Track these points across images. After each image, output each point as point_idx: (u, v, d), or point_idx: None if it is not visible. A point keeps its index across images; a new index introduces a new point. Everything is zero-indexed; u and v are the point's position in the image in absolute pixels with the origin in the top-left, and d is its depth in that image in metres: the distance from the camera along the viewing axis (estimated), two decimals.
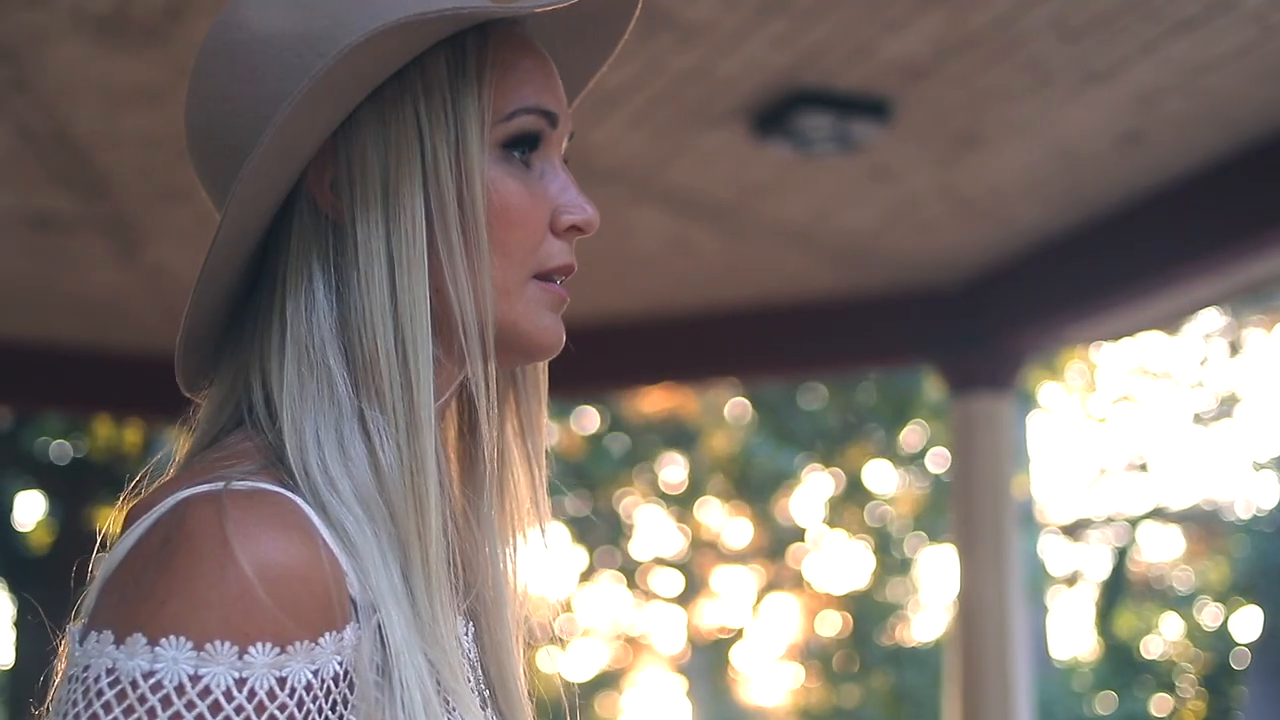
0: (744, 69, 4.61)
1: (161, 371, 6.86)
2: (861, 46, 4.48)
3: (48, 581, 13.08)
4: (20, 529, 14.51)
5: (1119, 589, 17.18)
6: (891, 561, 16.22)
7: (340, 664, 1.26)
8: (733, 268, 6.28)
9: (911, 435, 15.20)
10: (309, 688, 1.23)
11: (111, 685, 1.20)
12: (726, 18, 4.31)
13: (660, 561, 16.92)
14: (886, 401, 14.27)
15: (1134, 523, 17.18)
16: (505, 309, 1.44)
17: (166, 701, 1.19)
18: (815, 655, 17.07)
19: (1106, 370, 16.96)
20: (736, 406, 15.05)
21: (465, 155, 1.41)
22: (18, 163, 5.30)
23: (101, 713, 1.20)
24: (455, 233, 1.40)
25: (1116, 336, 8.13)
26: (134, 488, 1.44)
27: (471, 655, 1.50)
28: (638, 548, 16.93)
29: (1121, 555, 17.34)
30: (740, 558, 16.72)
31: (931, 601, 16.38)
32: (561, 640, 1.72)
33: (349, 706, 1.27)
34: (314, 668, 1.24)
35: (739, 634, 17.25)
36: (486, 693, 1.52)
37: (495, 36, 1.45)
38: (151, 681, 1.19)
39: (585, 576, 17.54)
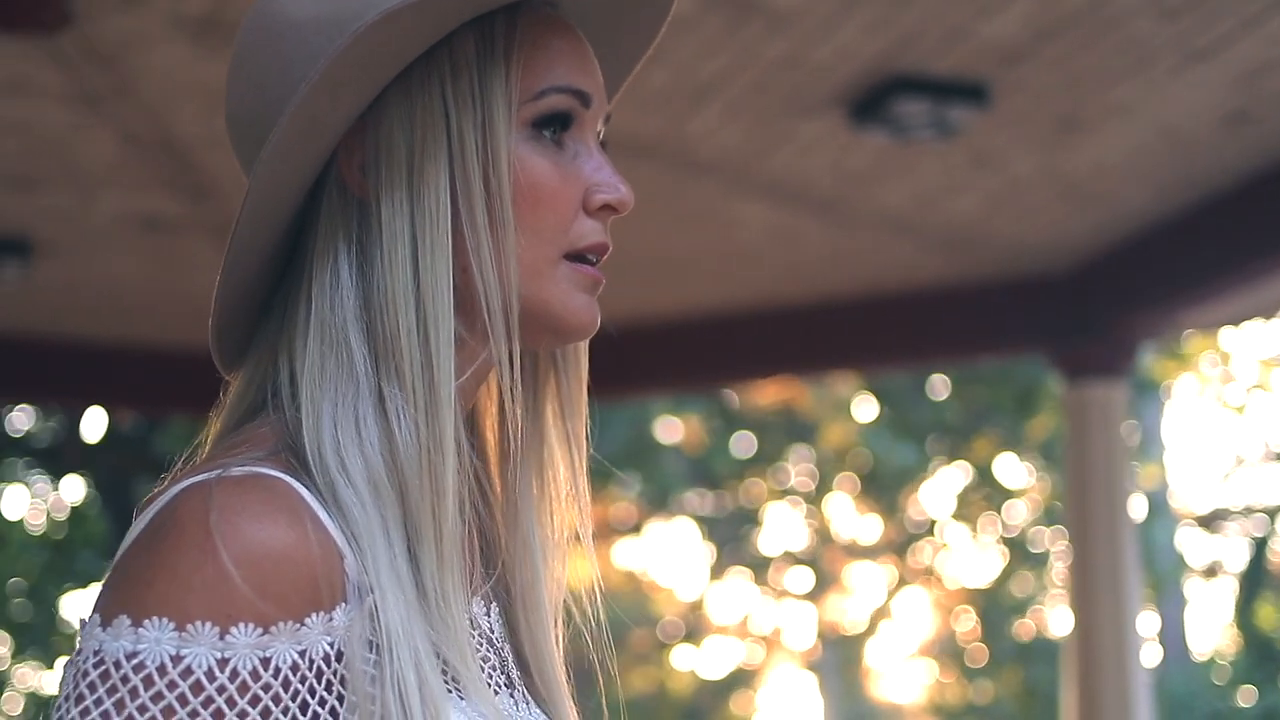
0: (837, 56, 4.57)
1: None
2: (956, 30, 4.42)
3: None
4: None
5: (1258, 581, 16.88)
6: (1022, 555, 16.05)
7: (331, 644, 1.26)
8: (838, 258, 6.24)
9: (1039, 426, 15.03)
10: (295, 668, 1.24)
11: (96, 666, 1.21)
12: (817, 4, 4.27)
13: (790, 557, 16.87)
14: (1009, 392, 14.12)
15: (1272, 514, 16.87)
16: (535, 289, 1.43)
17: (149, 681, 1.19)
18: (947, 651, 16.95)
19: (1240, 358, 16.69)
20: (856, 398, 14.96)
21: (492, 134, 1.40)
22: (123, 167, 5.37)
23: (87, 693, 1.20)
24: (481, 212, 1.39)
25: (1234, 321, 8.00)
26: (167, 476, 1.44)
27: (496, 637, 1.50)
28: (767, 544, 16.89)
29: (1260, 546, 17.04)
30: (869, 553, 16.62)
31: (1063, 595, 16.20)
32: (597, 622, 1.70)
33: (347, 685, 1.26)
34: (300, 648, 1.24)
35: (870, 630, 17.16)
36: (516, 674, 1.52)
37: (526, 17, 1.44)
38: (134, 662, 1.20)
39: (715, 574, 17.52)
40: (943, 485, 15.89)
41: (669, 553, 17.77)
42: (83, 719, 1.20)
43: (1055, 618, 16.19)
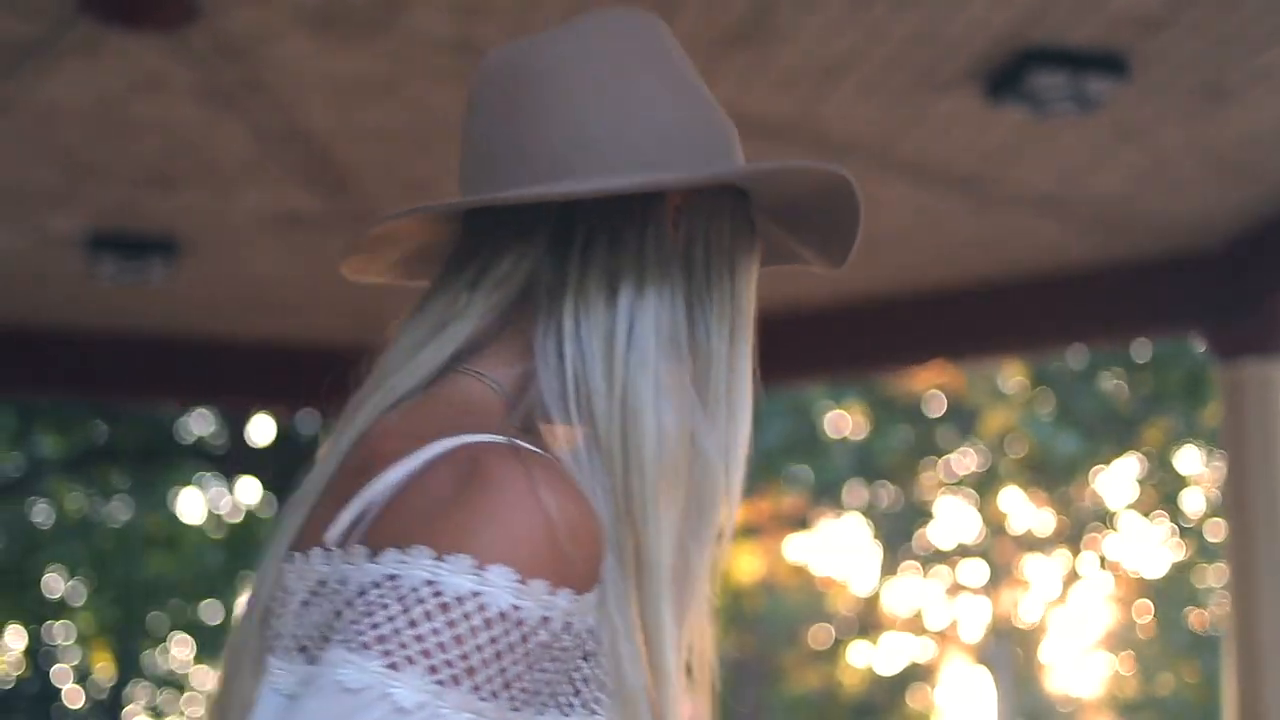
0: (969, 29, 4.47)
1: None
2: None
3: None
4: None
5: None
6: (1200, 545, 15.75)
7: (589, 620, 1.36)
8: (984, 239, 6.12)
9: (1212, 413, 14.72)
10: (578, 636, 1.35)
11: (434, 595, 1.27)
12: None
13: (962, 550, 16.70)
14: (1178, 378, 13.84)
15: None
16: None
17: (488, 623, 1.27)
18: (1123, 643, 16.69)
19: None
20: (1016, 384, 14.76)
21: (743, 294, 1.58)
22: (260, 163, 5.40)
23: (421, 618, 1.26)
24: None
25: None
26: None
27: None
28: (938, 536, 16.73)
29: None
30: (1042, 544, 16.41)
31: None
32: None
33: (590, 660, 1.37)
34: (584, 619, 1.35)
35: (1043, 622, 16.94)
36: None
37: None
38: (477, 601, 1.27)
39: (888, 570, 17.39)
40: (1116, 475, 15.64)
41: (840, 547, 17.68)
42: (418, 643, 1.26)
43: None
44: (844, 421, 15.75)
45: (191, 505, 16.49)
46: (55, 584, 15.79)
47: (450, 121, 5.03)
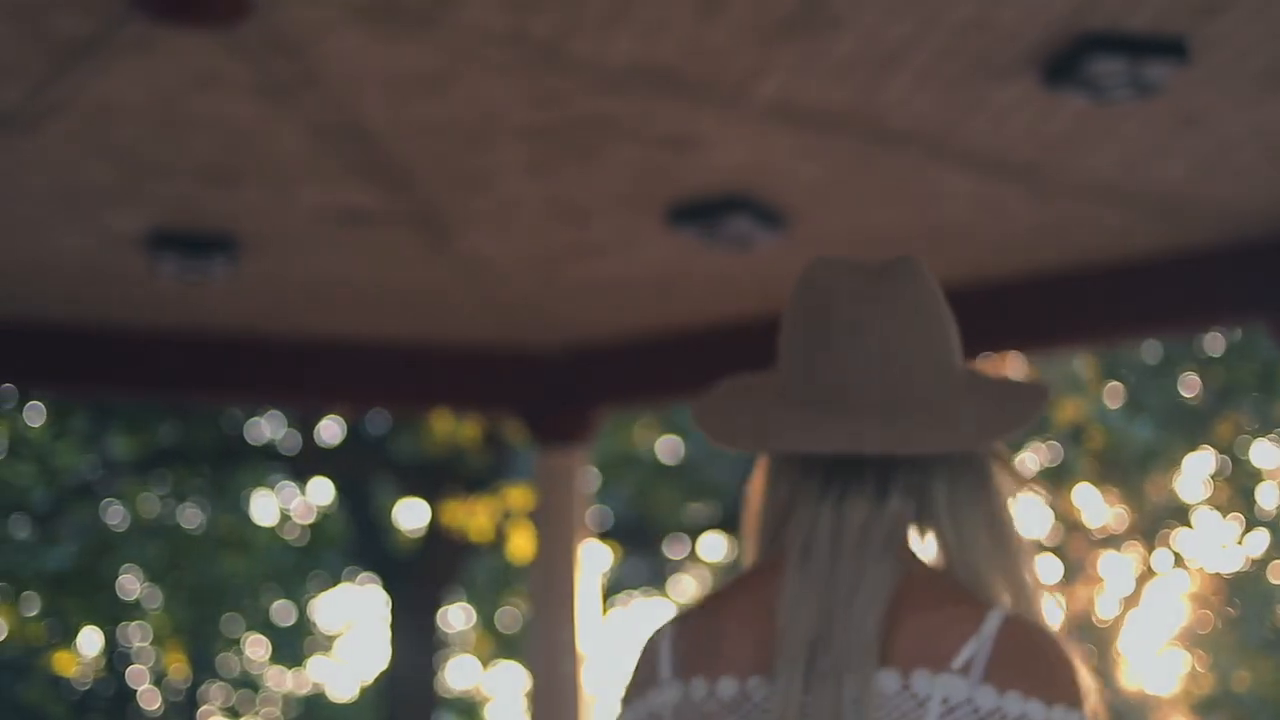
0: (1025, 15, 4.43)
1: (491, 365, 6.94)
2: None
3: (416, 580, 13.40)
4: (391, 529, 14.93)
5: None
6: (1276, 540, 15.57)
7: None
8: (1046, 230, 6.06)
9: None
10: None
11: None
12: None
13: (1036, 546, 16.54)
14: (1251, 371, 13.68)
15: None
16: None
17: None
18: (1199, 639, 16.53)
19: None
20: (1083, 372, 14.60)
21: None
22: (317, 159, 5.40)
23: None
24: None
25: None
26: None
27: None
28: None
29: None
30: (1116, 541, 16.26)
31: None
32: None
33: None
34: None
35: (1119, 619, 16.79)
36: None
37: None
38: None
39: None
40: (1190, 469, 15.48)
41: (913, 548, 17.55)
42: None
43: None
44: None
45: (263, 506, 16.58)
46: (130, 586, 15.90)
47: (504, 114, 5.05)
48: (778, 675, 1.86)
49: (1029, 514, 2.19)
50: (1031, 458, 15.55)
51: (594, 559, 7.79)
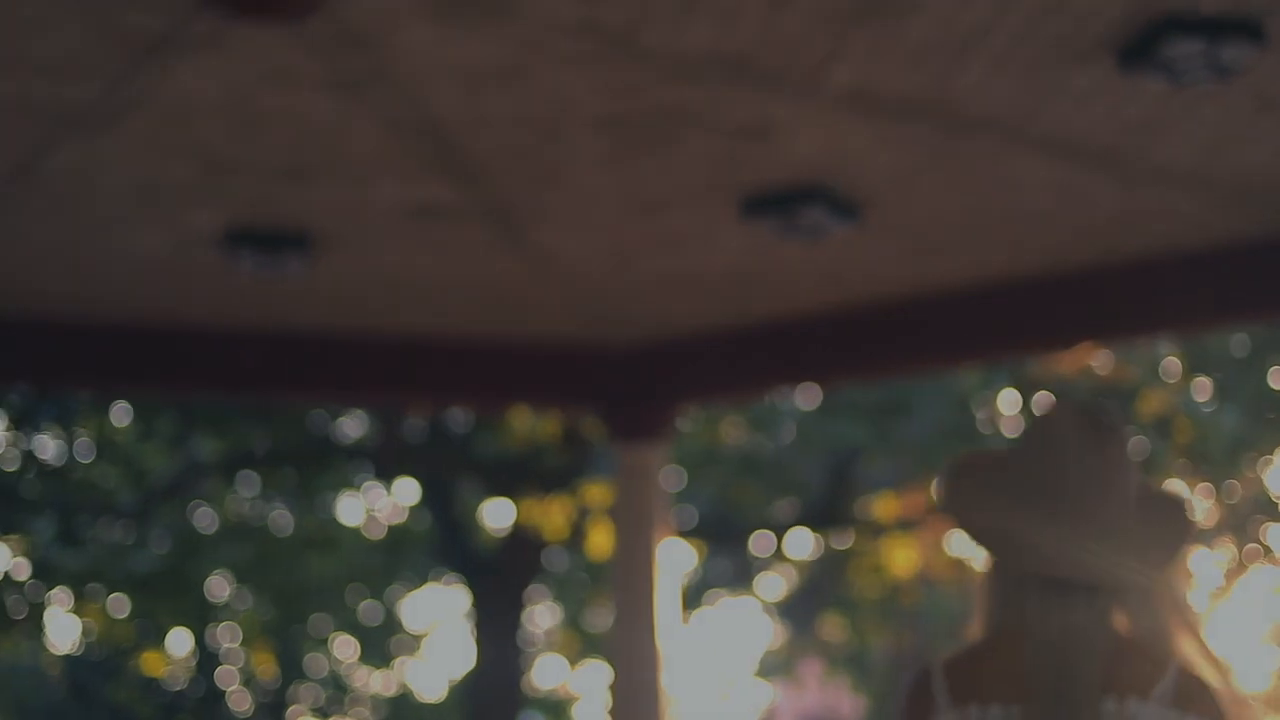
0: None
1: (568, 360, 6.91)
2: None
3: (500, 580, 13.39)
4: (475, 528, 14.94)
5: None
6: None
7: None
8: (1127, 217, 5.98)
9: None
10: None
11: None
12: None
13: None
14: None
15: None
16: None
17: None
18: None
19: None
20: (1173, 367, 14.44)
21: None
22: (390, 154, 5.40)
23: None
24: None
25: None
26: None
27: None
28: None
29: None
30: (1206, 535, 16.08)
31: None
32: None
33: None
34: None
35: (1209, 614, 16.61)
36: None
37: None
38: None
39: None
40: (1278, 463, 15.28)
41: None
42: None
43: None
44: (996, 410, 15.51)
45: (350, 506, 16.61)
46: (218, 587, 15.97)
47: (577, 106, 5.03)
48: (1032, 701, 2.58)
49: None
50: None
51: (676, 557, 7.75)
